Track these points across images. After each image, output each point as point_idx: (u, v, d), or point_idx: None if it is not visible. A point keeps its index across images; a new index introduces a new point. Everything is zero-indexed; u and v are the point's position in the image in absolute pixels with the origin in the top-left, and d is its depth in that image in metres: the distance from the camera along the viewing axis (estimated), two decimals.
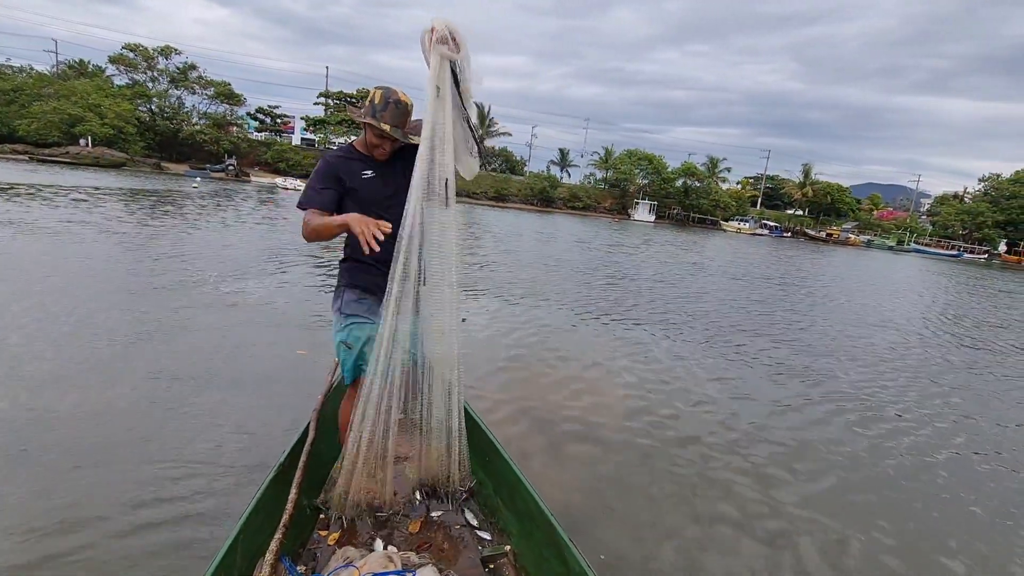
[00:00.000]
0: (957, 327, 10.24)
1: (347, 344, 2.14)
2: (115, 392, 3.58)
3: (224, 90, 45.45)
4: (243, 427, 3.28)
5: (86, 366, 3.96)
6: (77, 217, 11.57)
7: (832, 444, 4.07)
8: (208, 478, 2.73)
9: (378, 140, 2.05)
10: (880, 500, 3.34)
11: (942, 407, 5.22)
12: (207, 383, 3.87)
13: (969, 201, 57.01)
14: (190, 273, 7.33)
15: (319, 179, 2.05)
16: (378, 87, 2.03)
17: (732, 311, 9.25)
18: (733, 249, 26.79)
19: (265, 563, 1.60)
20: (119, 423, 3.19)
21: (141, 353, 4.30)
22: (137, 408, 3.41)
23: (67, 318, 4.92)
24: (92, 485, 2.59)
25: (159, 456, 2.88)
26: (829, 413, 4.72)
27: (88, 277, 6.60)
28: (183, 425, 3.25)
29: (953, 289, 18.58)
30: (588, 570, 1.65)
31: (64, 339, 4.42)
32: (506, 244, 16.65)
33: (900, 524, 3.08)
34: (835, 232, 53.63)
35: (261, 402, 3.65)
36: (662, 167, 54.56)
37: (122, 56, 43.15)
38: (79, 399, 3.42)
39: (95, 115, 36.81)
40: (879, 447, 4.11)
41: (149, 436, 3.09)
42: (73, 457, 2.80)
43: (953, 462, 4.00)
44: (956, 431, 4.63)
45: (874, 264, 28.03)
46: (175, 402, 3.53)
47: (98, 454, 2.85)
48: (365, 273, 2.12)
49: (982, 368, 7.09)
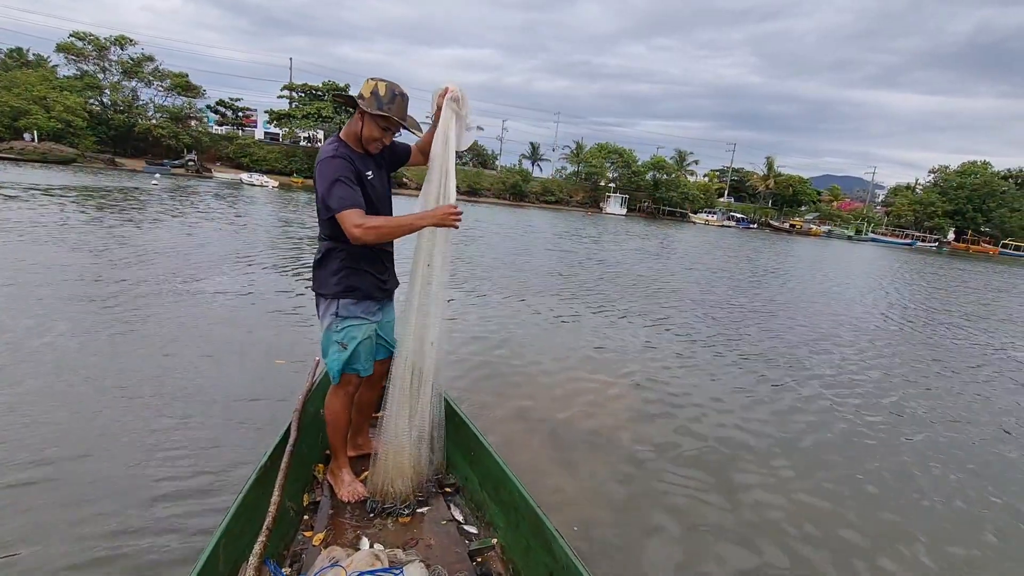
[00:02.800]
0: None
1: (342, 344, 2.11)
2: (65, 412, 3.24)
3: (181, 82, 43.55)
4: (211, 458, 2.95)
5: (38, 384, 3.63)
6: (28, 218, 10.93)
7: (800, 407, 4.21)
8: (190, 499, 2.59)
9: (381, 133, 2.02)
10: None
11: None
12: (172, 400, 3.54)
13: (920, 192, 59.72)
14: (155, 278, 7.01)
15: (348, 178, 1.95)
16: (376, 79, 2.01)
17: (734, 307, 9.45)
18: (707, 242, 27.34)
19: (249, 567, 1.55)
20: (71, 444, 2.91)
21: (101, 366, 4.05)
22: (90, 429, 3.12)
23: (20, 330, 4.63)
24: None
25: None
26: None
27: (44, 285, 6.23)
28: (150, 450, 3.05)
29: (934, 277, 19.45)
30: (575, 561, 1.65)
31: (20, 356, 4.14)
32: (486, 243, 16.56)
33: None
34: (798, 223, 55.39)
35: (235, 424, 3.30)
36: (632, 160, 55.25)
37: (71, 45, 40.83)
38: (28, 421, 3.11)
39: (40, 108, 34.82)
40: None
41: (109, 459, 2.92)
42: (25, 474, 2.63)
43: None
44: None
45: (844, 253, 29.10)
46: (138, 423, 3.20)
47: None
48: (362, 276, 2.10)
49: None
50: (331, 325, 2.12)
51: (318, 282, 2.13)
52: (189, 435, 3.11)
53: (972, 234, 53.97)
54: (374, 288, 2.14)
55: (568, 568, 1.67)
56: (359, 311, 2.12)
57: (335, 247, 2.07)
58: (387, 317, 2.29)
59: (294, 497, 2.12)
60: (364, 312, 2.13)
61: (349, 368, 2.14)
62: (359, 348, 2.13)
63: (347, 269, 2.08)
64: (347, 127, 2.08)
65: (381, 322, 2.24)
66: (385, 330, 2.28)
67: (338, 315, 2.10)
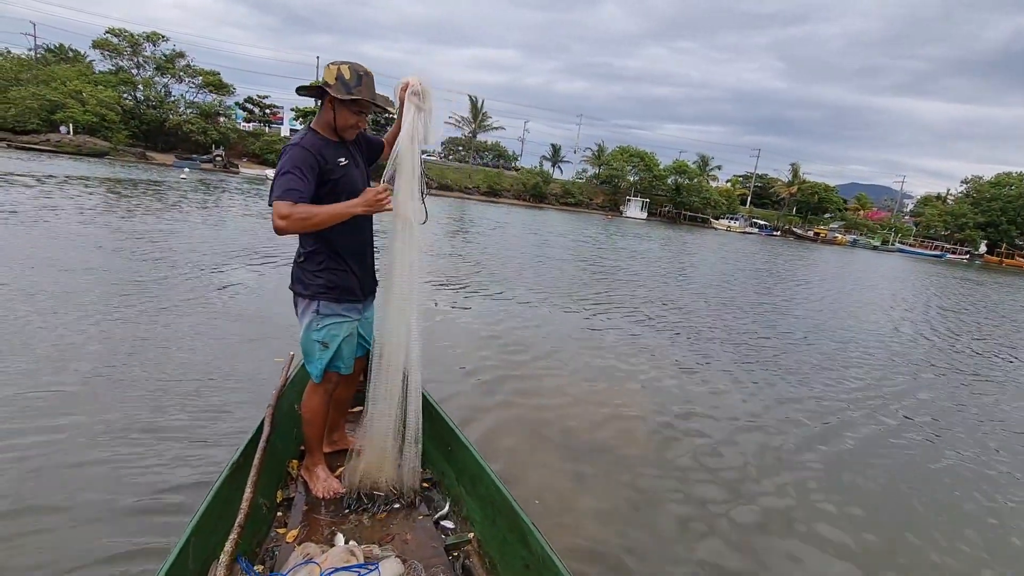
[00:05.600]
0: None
1: (324, 343, 2.10)
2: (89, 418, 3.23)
3: (213, 80, 44.66)
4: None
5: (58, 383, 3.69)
6: (59, 205, 11.33)
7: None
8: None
9: (355, 119, 1.96)
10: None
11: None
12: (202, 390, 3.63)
13: (952, 203, 57.89)
14: (181, 270, 7.20)
15: (301, 168, 1.86)
16: (337, 63, 1.92)
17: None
18: (737, 250, 26.86)
19: (220, 564, 1.53)
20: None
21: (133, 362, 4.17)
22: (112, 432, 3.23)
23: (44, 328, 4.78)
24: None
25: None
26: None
27: (72, 273, 6.45)
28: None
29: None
30: (551, 554, 1.66)
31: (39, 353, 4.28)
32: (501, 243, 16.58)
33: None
34: (822, 231, 54.21)
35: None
36: (653, 164, 54.71)
37: (106, 41, 42.12)
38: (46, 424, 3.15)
39: (76, 102, 35.98)
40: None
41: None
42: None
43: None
44: None
45: (874, 264, 28.31)
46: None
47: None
48: (343, 274, 2.08)
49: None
50: (311, 324, 2.09)
51: (297, 280, 2.11)
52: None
53: (1006, 247, 52.12)
54: (355, 286, 2.13)
55: (544, 560, 1.68)
56: (340, 309, 2.11)
57: (315, 245, 2.05)
58: (368, 315, 2.30)
59: (267, 493, 2.10)
60: (345, 310, 2.12)
61: (331, 366, 2.14)
62: (342, 346, 2.12)
63: (328, 267, 2.06)
64: (318, 117, 2.02)
65: (362, 320, 2.23)
66: (365, 328, 2.29)
67: (319, 313, 2.08)
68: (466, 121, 58.90)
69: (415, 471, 2.24)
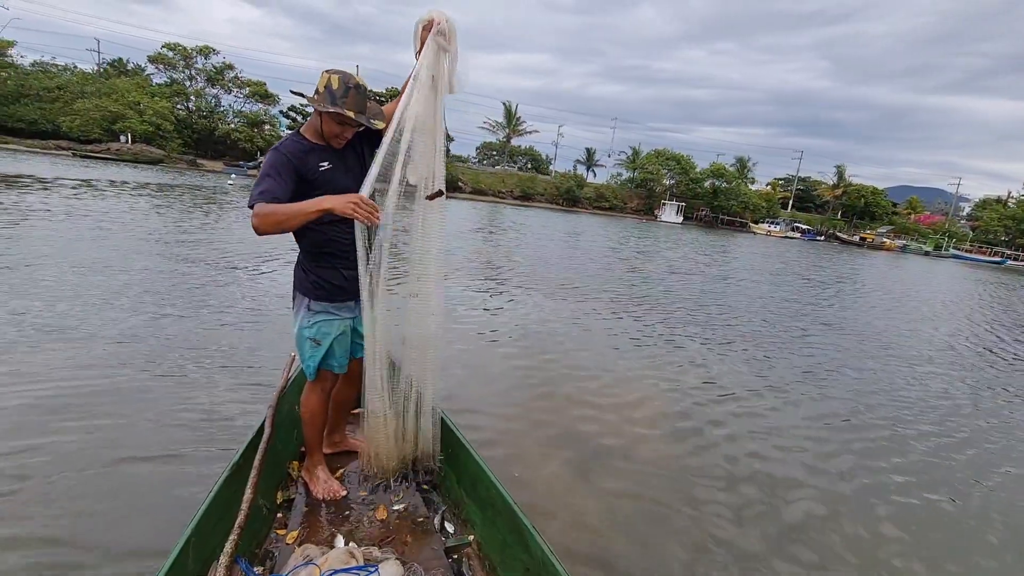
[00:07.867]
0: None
1: (315, 340, 2.12)
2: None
3: (260, 90, 46.79)
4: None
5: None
6: (120, 208, 12.12)
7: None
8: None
9: (340, 128, 1.95)
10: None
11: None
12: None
13: (1014, 206, 54.25)
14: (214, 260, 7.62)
15: (278, 172, 1.85)
16: (330, 72, 1.92)
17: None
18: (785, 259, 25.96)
19: (220, 565, 1.54)
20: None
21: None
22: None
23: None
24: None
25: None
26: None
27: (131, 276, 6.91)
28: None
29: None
30: (551, 557, 1.66)
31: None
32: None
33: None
34: (869, 236, 51.72)
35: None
36: (690, 167, 53.54)
37: (161, 55, 44.62)
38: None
39: (135, 113, 38.20)
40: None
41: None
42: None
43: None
44: None
45: (934, 270, 26.80)
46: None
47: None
48: (335, 272, 2.09)
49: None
50: (303, 321, 2.11)
51: (295, 277, 2.16)
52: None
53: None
54: (348, 285, 2.08)
55: (544, 564, 1.68)
56: (331, 307, 2.12)
57: (308, 244, 2.08)
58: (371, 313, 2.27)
59: (267, 495, 2.10)
60: (337, 308, 2.13)
61: (324, 364, 2.15)
62: (334, 344, 2.13)
63: (320, 266, 2.08)
64: (308, 121, 2.04)
65: (357, 319, 2.20)
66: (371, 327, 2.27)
67: (310, 310, 2.10)
68: (500, 126, 59.30)
69: (419, 469, 2.26)
